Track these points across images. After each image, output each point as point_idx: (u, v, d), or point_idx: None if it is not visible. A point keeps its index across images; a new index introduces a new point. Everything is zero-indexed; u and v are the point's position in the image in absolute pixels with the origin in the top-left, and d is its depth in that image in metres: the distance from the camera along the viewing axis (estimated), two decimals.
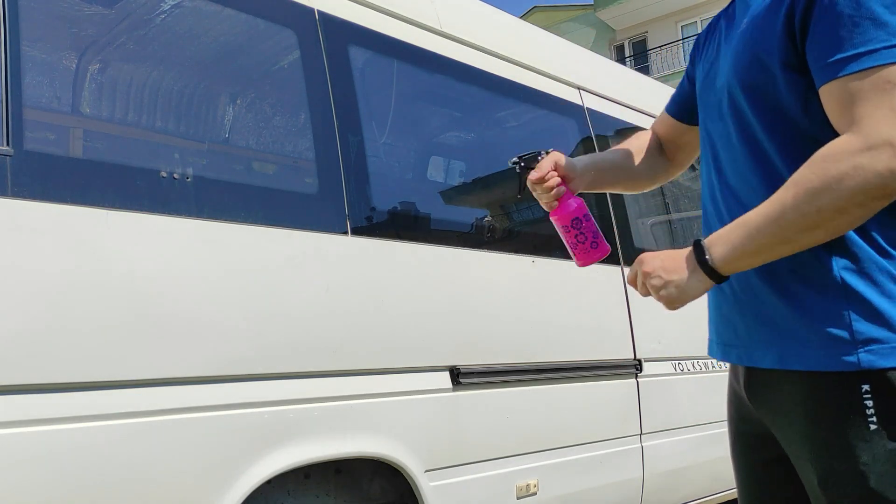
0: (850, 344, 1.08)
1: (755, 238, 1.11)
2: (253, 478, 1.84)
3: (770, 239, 1.10)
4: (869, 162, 1.02)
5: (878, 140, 1.02)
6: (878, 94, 1.04)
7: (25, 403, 1.54)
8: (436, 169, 2.76)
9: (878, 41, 1.04)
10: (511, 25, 3.13)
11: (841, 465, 1.10)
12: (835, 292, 1.11)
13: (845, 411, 1.09)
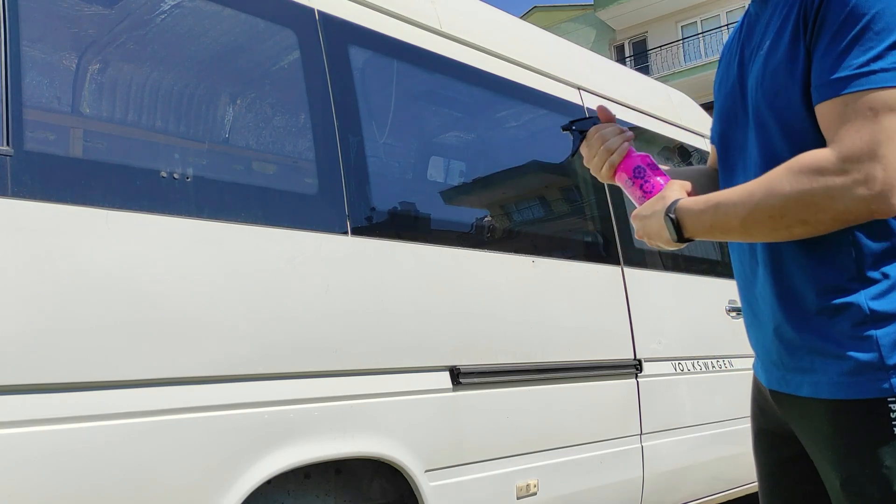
0: (882, 370, 1.08)
1: (719, 217, 1.14)
2: (253, 478, 1.84)
3: (732, 224, 1.13)
4: (840, 186, 1.03)
5: (858, 167, 1.02)
6: (858, 119, 1.03)
7: (25, 403, 1.54)
8: (436, 169, 2.76)
9: (870, 64, 1.03)
10: (511, 25, 3.13)
11: (864, 469, 1.11)
12: (861, 319, 1.10)
13: (870, 423, 1.10)
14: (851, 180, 1.02)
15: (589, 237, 3.12)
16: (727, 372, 3.60)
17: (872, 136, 1.02)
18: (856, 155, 1.02)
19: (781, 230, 1.10)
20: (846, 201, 1.03)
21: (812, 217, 1.06)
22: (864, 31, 1.04)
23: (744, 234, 1.14)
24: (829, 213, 1.05)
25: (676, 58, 23.48)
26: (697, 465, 3.31)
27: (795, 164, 1.08)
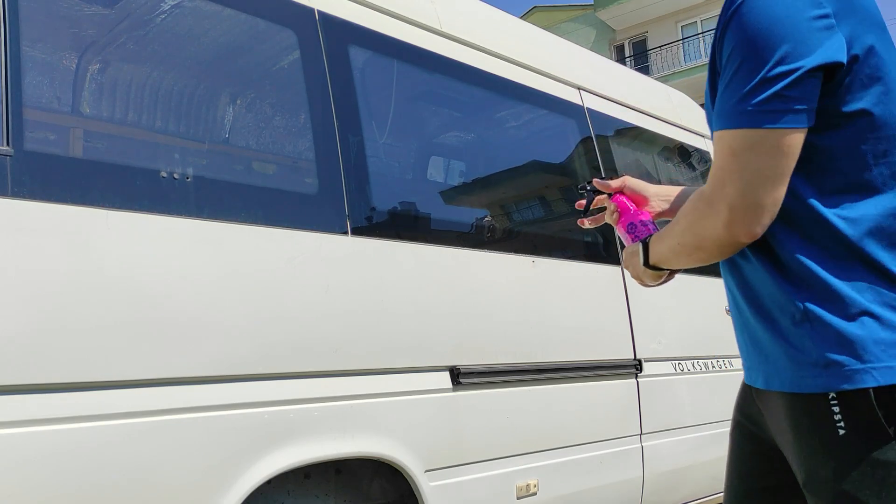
0: (817, 367, 1.18)
1: (667, 252, 1.32)
2: (253, 478, 1.84)
3: (669, 252, 1.31)
4: (706, 215, 1.18)
5: (726, 199, 1.14)
6: (728, 154, 1.15)
7: (25, 403, 1.54)
8: (436, 169, 2.76)
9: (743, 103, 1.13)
10: (511, 25, 3.13)
11: (818, 470, 1.20)
12: (801, 321, 1.20)
13: (818, 421, 1.18)
14: (712, 211, 1.17)
15: (589, 237, 3.12)
16: (727, 372, 3.60)
17: (723, 172, 1.15)
18: (714, 188, 1.17)
19: (693, 256, 1.27)
20: (710, 230, 1.19)
21: (701, 243, 1.22)
22: (733, 76, 1.14)
23: (679, 260, 1.31)
24: (707, 240, 1.20)
25: (676, 58, 23.47)
26: (697, 465, 3.31)
27: (697, 196, 1.23)
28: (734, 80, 1.14)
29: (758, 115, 1.11)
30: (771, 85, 1.11)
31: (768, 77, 1.11)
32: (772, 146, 1.12)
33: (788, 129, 1.11)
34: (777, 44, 1.11)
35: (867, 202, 1.17)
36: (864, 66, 1.14)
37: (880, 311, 1.15)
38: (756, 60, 1.12)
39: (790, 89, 1.10)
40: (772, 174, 1.12)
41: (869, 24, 1.16)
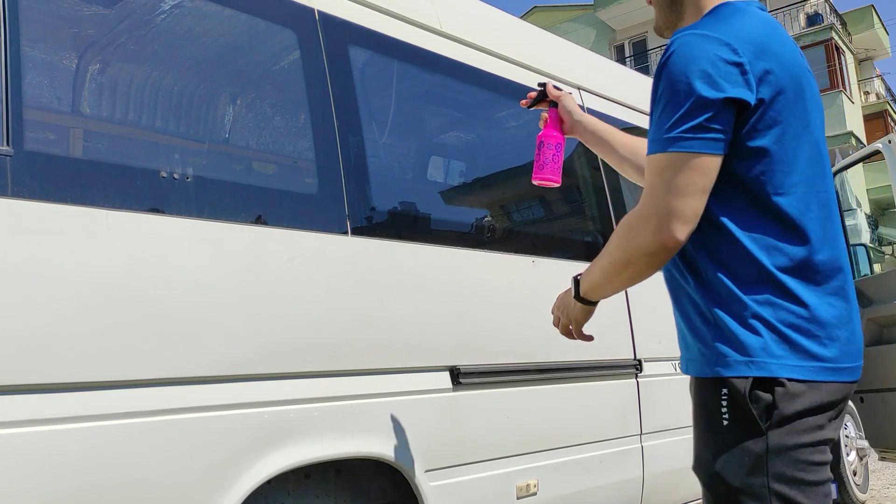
0: (713, 357, 1.40)
1: (598, 275, 1.52)
2: (253, 478, 1.84)
3: (606, 276, 1.49)
4: (646, 229, 1.37)
5: (653, 211, 1.36)
6: (657, 174, 1.37)
7: (25, 403, 1.54)
8: (436, 169, 2.76)
9: (668, 132, 1.36)
10: (511, 25, 3.13)
11: (702, 451, 1.42)
12: (707, 320, 1.43)
13: (710, 408, 1.40)
14: (642, 222, 1.38)
15: (589, 237, 3.12)
16: None
17: (651, 189, 1.37)
18: (644, 203, 1.38)
19: (623, 273, 1.46)
20: (640, 239, 1.38)
21: (630, 257, 1.41)
22: (662, 111, 1.37)
23: (610, 281, 1.50)
24: (637, 251, 1.39)
25: None
26: None
27: (623, 219, 1.46)
28: (662, 114, 1.37)
29: (680, 141, 1.34)
30: (690, 118, 1.33)
31: (687, 111, 1.33)
32: (691, 166, 1.34)
33: (704, 154, 1.34)
34: (695, 84, 1.33)
35: (770, 226, 1.38)
36: (769, 109, 1.36)
37: (769, 319, 1.36)
38: (679, 98, 1.34)
39: (707, 121, 1.33)
40: (692, 189, 1.34)
41: (781, 73, 1.38)
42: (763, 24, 1.42)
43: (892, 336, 4.00)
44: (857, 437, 4.88)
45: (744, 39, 1.36)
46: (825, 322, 1.38)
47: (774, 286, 1.38)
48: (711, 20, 1.43)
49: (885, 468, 6.26)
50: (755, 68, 1.35)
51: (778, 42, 1.40)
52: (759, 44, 1.37)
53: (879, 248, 20.68)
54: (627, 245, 1.41)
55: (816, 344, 1.36)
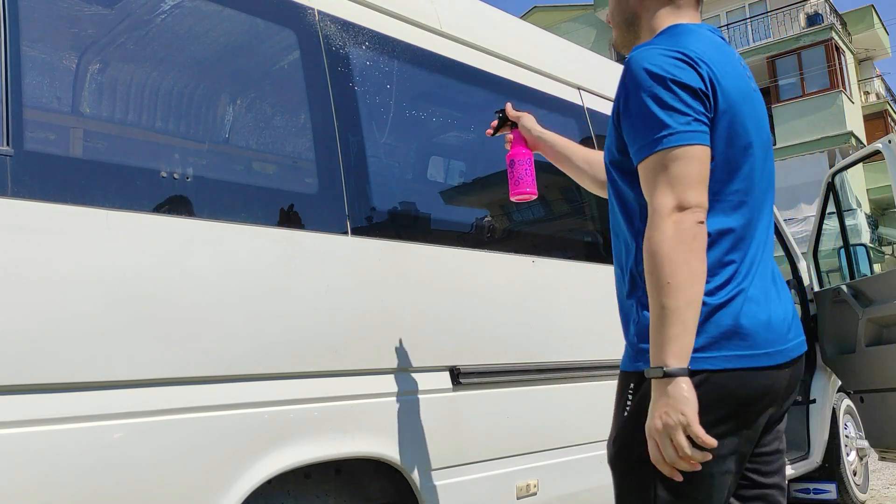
0: (633, 352, 1.55)
1: (655, 302, 1.41)
2: (253, 478, 1.84)
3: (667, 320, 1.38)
4: (667, 225, 1.39)
5: (663, 211, 1.40)
6: (655, 175, 1.44)
7: (25, 403, 1.54)
8: (436, 169, 2.76)
9: (654, 134, 1.44)
10: (511, 25, 3.13)
11: (610, 437, 1.58)
12: (632, 318, 1.58)
13: (621, 400, 1.56)
14: (659, 217, 1.42)
15: (589, 237, 3.12)
16: None
17: (669, 182, 1.43)
18: (653, 204, 1.43)
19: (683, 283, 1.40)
20: (665, 233, 1.40)
21: (675, 255, 1.40)
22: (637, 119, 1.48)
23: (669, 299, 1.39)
24: (680, 244, 1.40)
25: None
26: None
27: (644, 245, 1.48)
28: (642, 124, 1.46)
29: (671, 137, 1.42)
30: (674, 118, 1.43)
31: (671, 114, 1.43)
32: (688, 156, 1.42)
33: (696, 144, 1.43)
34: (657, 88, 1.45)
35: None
36: (717, 119, 1.47)
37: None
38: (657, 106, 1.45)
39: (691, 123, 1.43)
40: (695, 176, 1.42)
41: (728, 88, 1.49)
42: (711, 42, 1.55)
43: (892, 336, 4.00)
44: (857, 437, 4.89)
45: (695, 53, 1.48)
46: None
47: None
48: (664, 38, 1.56)
49: (885, 468, 6.26)
50: (707, 71, 1.47)
51: (727, 62, 1.53)
52: (708, 60, 1.48)
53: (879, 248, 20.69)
54: (656, 251, 1.40)
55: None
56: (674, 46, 1.50)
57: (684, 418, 1.34)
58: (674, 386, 1.35)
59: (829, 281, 5.05)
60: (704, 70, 1.47)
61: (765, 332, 1.47)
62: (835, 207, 4.81)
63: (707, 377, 1.41)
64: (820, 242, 4.84)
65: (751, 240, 1.53)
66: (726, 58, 1.54)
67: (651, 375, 1.40)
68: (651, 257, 1.40)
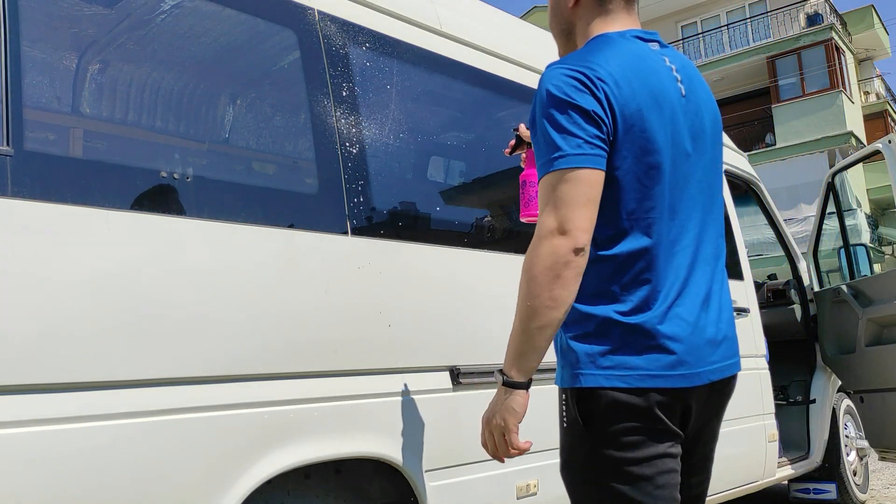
0: (563, 368, 1.60)
1: (515, 343, 1.52)
2: (253, 478, 1.84)
3: (520, 318, 1.47)
4: (543, 248, 1.46)
5: (543, 231, 1.48)
6: (546, 195, 1.49)
7: (25, 403, 1.54)
8: (436, 169, 2.76)
9: (548, 155, 1.48)
10: (511, 25, 3.13)
11: (560, 448, 1.65)
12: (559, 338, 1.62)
13: (559, 411, 1.65)
14: (541, 238, 1.50)
15: None
16: None
17: (554, 204, 1.48)
18: (540, 223, 1.51)
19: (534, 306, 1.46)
20: (544, 255, 1.47)
21: (535, 276, 1.47)
22: (543, 141, 1.51)
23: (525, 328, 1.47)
24: (541, 268, 1.47)
25: None
26: None
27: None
28: (543, 144, 1.49)
29: (561, 160, 1.45)
30: (566, 141, 1.46)
31: (564, 136, 1.46)
32: (576, 179, 1.44)
33: (585, 168, 1.45)
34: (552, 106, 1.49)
35: (619, 245, 1.51)
36: (621, 131, 1.48)
37: (596, 330, 1.51)
38: (552, 128, 1.48)
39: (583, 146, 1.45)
40: (581, 199, 1.44)
41: (635, 100, 1.50)
42: (627, 55, 1.54)
43: (892, 336, 4.00)
44: (857, 437, 4.89)
45: (598, 72, 1.49)
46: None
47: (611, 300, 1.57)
48: (581, 52, 1.58)
49: (885, 468, 6.26)
50: (608, 92, 1.48)
51: (639, 76, 1.52)
52: (612, 79, 1.49)
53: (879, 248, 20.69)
54: (531, 271, 1.47)
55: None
56: (579, 64, 1.51)
57: (504, 425, 1.58)
58: (510, 396, 1.56)
59: (829, 281, 5.06)
60: (602, 92, 1.47)
61: (680, 354, 1.50)
62: (835, 207, 4.81)
63: (614, 393, 1.48)
64: (820, 242, 4.84)
65: (673, 257, 1.53)
66: (639, 70, 1.53)
67: (496, 378, 1.57)
68: (523, 274, 1.47)
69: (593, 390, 1.50)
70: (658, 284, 1.51)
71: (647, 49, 1.60)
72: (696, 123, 1.60)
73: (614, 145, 1.49)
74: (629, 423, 1.49)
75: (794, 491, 4.77)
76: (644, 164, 1.50)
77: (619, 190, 1.50)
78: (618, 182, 1.50)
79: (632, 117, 1.49)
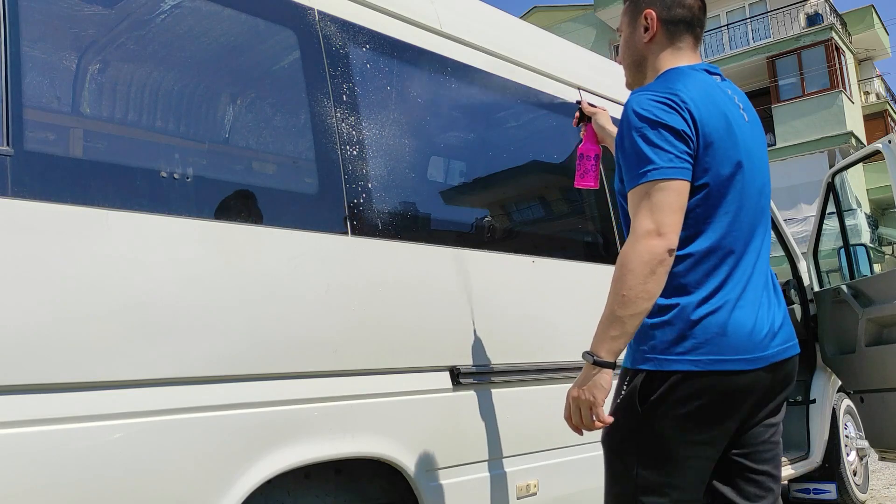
0: (630, 354, 1.79)
1: (605, 324, 1.68)
2: (253, 478, 1.84)
3: (612, 307, 1.65)
4: (641, 246, 1.62)
5: (641, 232, 1.63)
6: (640, 201, 1.67)
7: (25, 403, 1.54)
8: (436, 169, 2.76)
9: (641, 168, 1.68)
10: (511, 25, 3.13)
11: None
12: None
13: (618, 387, 1.79)
14: (636, 238, 1.65)
15: (589, 237, 3.12)
16: None
17: (650, 209, 1.66)
18: (635, 225, 1.67)
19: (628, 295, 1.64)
20: (639, 253, 1.64)
21: (630, 270, 1.65)
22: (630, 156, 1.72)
23: (616, 314, 1.66)
24: (636, 264, 1.64)
25: None
26: None
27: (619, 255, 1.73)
28: (634, 158, 1.69)
29: (655, 171, 1.66)
30: (659, 155, 1.67)
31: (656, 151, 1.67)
32: (668, 188, 1.65)
33: (676, 179, 1.66)
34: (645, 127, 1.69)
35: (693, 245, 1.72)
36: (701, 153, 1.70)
37: (671, 319, 1.70)
38: (645, 144, 1.69)
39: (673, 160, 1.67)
40: (673, 206, 1.64)
41: (710, 125, 1.71)
42: (701, 85, 1.77)
43: (892, 336, 4.00)
44: (857, 437, 4.88)
45: (682, 97, 1.71)
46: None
47: (681, 293, 1.78)
48: (660, 82, 1.81)
49: (885, 468, 6.26)
50: (693, 112, 1.70)
51: (712, 102, 1.75)
52: (694, 104, 1.71)
53: (879, 248, 20.68)
54: (626, 266, 1.63)
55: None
56: (664, 91, 1.73)
57: (593, 399, 1.70)
58: (598, 373, 1.69)
59: (829, 281, 5.05)
60: (687, 114, 1.69)
61: (746, 340, 1.69)
62: (835, 207, 4.81)
63: (683, 376, 1.68)
64: (820, 242, 4.84)
65: (741, 255, 1.75)
66: (713, 98, 1.76)
67: (585, 359, 1.70)
68: (619, 267, 1.64)
69: (664, 373, 1.70)
70: (725, 281, 1.72)
71: (713, 80, 1.84)
72: (755, 145, 1.83)
73: (696, 159, 1.71)
74: (688, 406, 1.69)
75: (794, 491, 4.77)
76: (720, 177, 1.72)
77: (699, 197, 1.72)
78: (698, 190, 1.71)
79: (711, 136, 1.71)
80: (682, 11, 1.90)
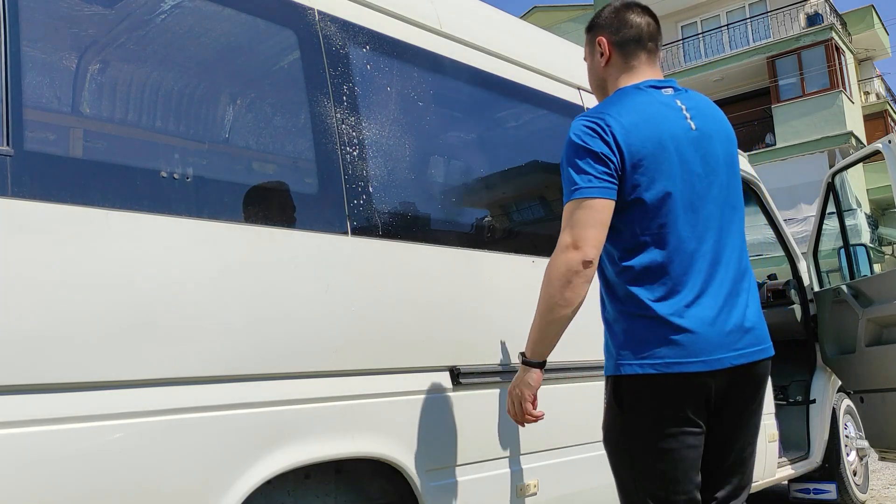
0: (609, 358, 1.94)
1: (535, 332, 1.94)
2: (253, 478, 1.84)
3: (540, 314, 1.90)
4: (559, 258, 1.82)
5: (561, 245, 1.83)
6: (566, 218, 1.84)
7: (25, 403, 1.54)
8: (436, 169, 2.76)
9: (568, 188, 1.86)
10: (511, 25, 3.13)
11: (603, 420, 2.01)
12: (610, 327, 1.96)
13: (605, 393, 1.95)
14: (559, 252, 1.84)
15: None
16: None
17: (571, 225, 1.84)
18: (560, 239, 1.85)
19: (551, 303, 1.89)
20: (559, 265, 1.84)
21: (553, 281, 1.86)
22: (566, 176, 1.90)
23: (543, 320, 1.92)
24: (557, 274, 1.84)
25: (676, 58, 23.46)
26: None
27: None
28: (565, 180, 1.88)
29: (576, 191, 1.83)
30: (581, 178, 1.84)
31: (579, 174, 1.84)
32: (587, 206, 1.81)
33: (595, 198, 1.82)
34: (571, 150, 1.88)
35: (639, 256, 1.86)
36: (633, 169, 1.84)
37: (631, 326, 1.86)
38: (571, 168, 1.87)
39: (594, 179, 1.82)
40: (591, 221, 1.80)
41: (644, 142, 1.85)
42: (640, 104, 1.91)
43: (892, 336, 4.00)
44: (857, 437, 4.89)
45: (608, 121, 1.85)
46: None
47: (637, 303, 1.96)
48: (602, 104, 1.97)
49: (885, 468, 6.26)
50: (616, 136, 1.84)
51: (646, 120, 1.87)
52: (620, 126, 1.85)
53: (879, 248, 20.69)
54: (549, 277, 1.84)
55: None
56: (595, 116, 1.88)
57: (521, 395, 1.97)
58: (527, 372, 1.96)
59: (829, 281, 5.05)
60: (610, 137, 1.83)
61: (701, 343, 1.80)
62: (835, 207, 4.81)
63: (645, 380, 1.82)
64: (820, 242, 4.84)
65: (695, 260, 1.85)
66: (649, 115, 1.89)
67: (518, 358, 1.94)
68: (544, 278, 1.85)
69: (630, 377, 1.85)
70: (677, 286, 1.83)
71: (657, 96, 1.95)
72: (708, 150, 1.92)
73: (624, 178, 1.84)
74: (655, 404, 1.84)
75: (794, 491, 4.77)
76: (654, 191, 1.84)
77: (635, 212, 1.85)
78: (633, 206, 1.84)
79: (638, 154, 1.83)
80: (631, 31, 2.06)
